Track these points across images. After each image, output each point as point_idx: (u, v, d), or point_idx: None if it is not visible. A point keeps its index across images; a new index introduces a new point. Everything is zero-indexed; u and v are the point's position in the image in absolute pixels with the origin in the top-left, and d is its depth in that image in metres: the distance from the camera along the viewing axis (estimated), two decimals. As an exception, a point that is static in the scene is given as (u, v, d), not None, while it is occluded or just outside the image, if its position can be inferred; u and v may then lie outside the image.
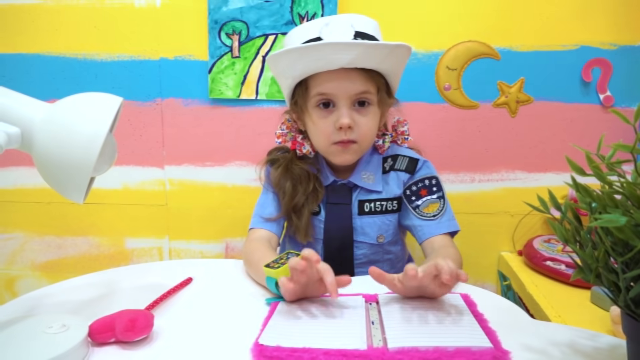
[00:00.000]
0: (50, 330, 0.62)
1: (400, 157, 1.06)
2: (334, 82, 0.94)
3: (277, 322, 0.70)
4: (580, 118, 1.35)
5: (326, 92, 0.95)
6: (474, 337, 0.64)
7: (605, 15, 1.31)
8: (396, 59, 0.95)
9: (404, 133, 1.08)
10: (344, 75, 0.93)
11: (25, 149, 0.62)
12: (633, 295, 0.49)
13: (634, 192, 0.49)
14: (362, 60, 0.91)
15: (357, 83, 0.94)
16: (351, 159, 1.00)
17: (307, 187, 1.03)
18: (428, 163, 1.07)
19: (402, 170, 1.05)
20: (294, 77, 0.97)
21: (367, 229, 1.04)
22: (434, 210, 1.01)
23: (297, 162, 1.05)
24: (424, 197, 1.02)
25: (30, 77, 1.44)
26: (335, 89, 0.94)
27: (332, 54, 0.89)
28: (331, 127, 0.96)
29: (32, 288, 0.91)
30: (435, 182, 1.04)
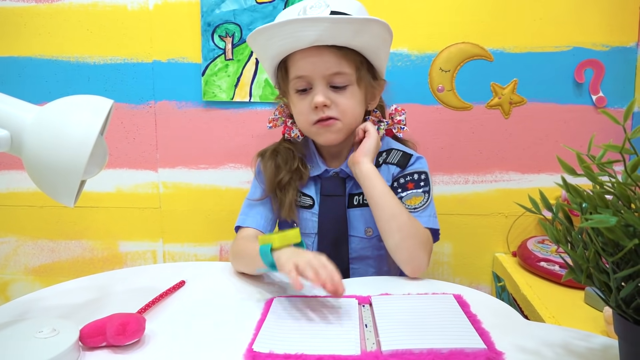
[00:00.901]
0: (41, 335, 0.61)
1: (394, 151, 1.05)
2: (308, 62, 0.94)
3: (271, 326, 0.70)
4: (573, 119, 1.36)
5: (301, 73, 0.95)
6: (468, 339, 0.64)
7: (598, 16, 1.31)
8: (370, 36, 0.93)
9: (401, 122, 1.07)
10: (317, 53, 0.93)
11: (14, 152, 0.62)
12: (624, 295, 0.49)
13: (625, 192, 0.49)
14: (331, 36, 0.90)
15: (331, 62, 0.93)
16: (335, 138, 1.00)
17: (292, 164, 1.03)
18: (422, 159, 1.05)
19: (394, 163, 1.03)
20: (271, 58, 0.98)
21: (354, 222, 1.03)
22: (416, 203, 0.99)
23: (284, 144, 1.07)
24: (409, 190, 1.00)
25: (23, 80, 1.43)
26: (309, 69, 0.94)
27: (299, 31, 0.89)
28: (308, 106, 0.96)
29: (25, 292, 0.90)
30: (424, 177, 1.02)
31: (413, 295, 0.81)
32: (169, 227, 1.49)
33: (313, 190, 1.06)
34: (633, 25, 1.31)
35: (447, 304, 0.76)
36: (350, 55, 0.95)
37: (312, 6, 0.91)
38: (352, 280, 0.91)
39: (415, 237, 0.92)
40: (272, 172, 1.04)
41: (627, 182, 0.49)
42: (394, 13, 1.34)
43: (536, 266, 1.20)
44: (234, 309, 0.79)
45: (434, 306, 0.75)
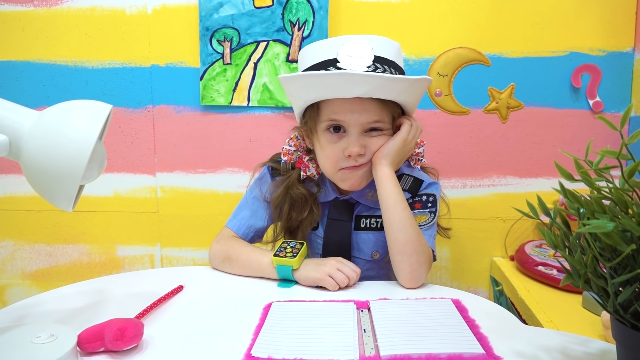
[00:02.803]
0: (38, 340, 0.61)
1: (405, 177, 1.02)
2: (347, 110, 0.90)
3: (269, 331, 0.70)
4: (571, 123, 1.36)
5: (338, 119, 0.91)
6: (466, 344, 0.64)
7: (594, 21, 1.32)
8: (415, 91, 0.91)
9: (419, 155, 1.04)
10: (359, 103, 0.89)
11: (13, 157, 0.62)
12: (622, 300, 0.49)
13: (622, 197, 0.49)
14: (379, 91, 0.87)
15: (371, 113, 0.90)
16: (360, 183, 0.96)
17: (303, 211, 1.01)
18: (435, 185, 1.02)
19: (405, 190, 0.99)
20: (306, 101, 0.94)
21: (361, 245, 1.02)
22: (421, 222, 0.97)
23: (298, 186, 1.01)
24: (415, 210, 0.99)
25: (21, 84, 1.43)
26: (347, 117, 0.90)
27: (347, 84, 0.85)
28: (340, 153, 0.92)
29: (22, 297, 0.90)
30: (432, 199, 1.00)
31: (411, 300, 0.81)
32: (166, 232, 1.49)
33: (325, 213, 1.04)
34: (629, 30, 1.32)
35: (446, 308, 0.76)
36: (390, 106, 0.92)
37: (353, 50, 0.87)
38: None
39: (421, 254, 0.91)
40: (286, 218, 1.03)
41: (625, 187, 0.49)
42: (391, 18, 1.34)
43: (534, 270, 1.20)
44: (232, 313, 0.79)
45: (433, 311, 0.75)
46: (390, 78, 0.84)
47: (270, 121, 1.41)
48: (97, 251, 1.51)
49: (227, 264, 0.98)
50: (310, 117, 0.96)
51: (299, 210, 1.02)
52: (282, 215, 1.03)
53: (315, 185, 1.03)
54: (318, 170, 1.01)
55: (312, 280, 0.88)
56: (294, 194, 1.01)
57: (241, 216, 1.05)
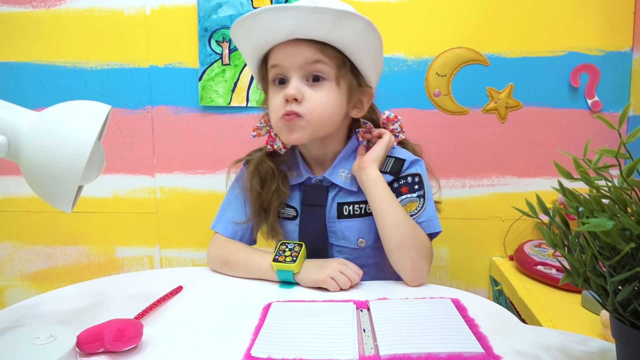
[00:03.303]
0: (38, 341, 0.61)
1: (388, 159, 1.00)
2: (285, 54, 0.90)
3: (269, 331, 0.70)
4: (569, 123, 1.36)
5: (277, 62, 0.91)
6: (466, 343, 0.64)
7: (592, 21, 1.32)
8: (349, 31, 0.87)
9: (394, 131, 1.02)
10: (295, 46, 0.89)
11: (12, 158, 0.62)
12: (621, 298, 0.49)
13: (621, 196, 0.49)
14: (307, 27, 0.86)
15: (308, 53, 0.89)
16: (298, 137, 0.92)
17: (271, 185, 1.00)
18: (418, 162, 1.00)
19: (386, 172, 0.98)
20: (249, 53, 0.95)
21: (346, 233, 0.99)
22: (412, 210, 0.95)
23: (267, 160, 1.02)
24: (404, 195, 0.96)
25: (20, 85, 1.43)
26: (285, 59, 0.90)
27: (275, 21, 0.86)
28: (281, 101, 0.91)
29: (21, 298, 0.90)
30: (418, 179, 0.98)
31: (411, 300, 0.81)
32: (165, 232, 1.48)
33: (297, 201, 1.03)
34: (627, 30, 1.32)
35: (445, 308, 0.76)
36: (330, 50, 0.90)
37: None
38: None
39: (419, 249, 0.91)
40: (257, 193, 1.02)
41: (623, 186, 0.49)
42: (390, 18, 1.35)
43: (533, 270, 1.20)
44: (232, 314, 0.79)
45: (432, 311, 0.75)
46: (311, 7, 0.84)
47: (269, 122, 1.41)
48: (96, 252, 1.51)
49: (226, 268, 0.98)
50: (262, 78, 0.98)
51: (268, 186, 1.01)
52: (252, 192, 1.02)
53: (287, 166, 1.03)
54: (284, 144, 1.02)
55: (314, 282, 0.88)
56: (262, 169, 1.01)
57: (226, 218, 1.05)
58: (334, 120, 0.96)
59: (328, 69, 0.91)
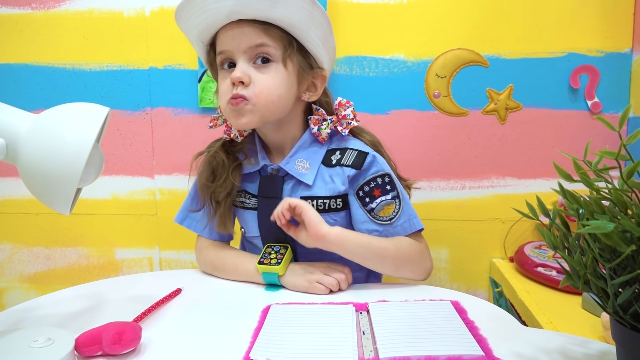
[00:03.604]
0: (36, 344, 0.61)
1: (349, 151, 0.96)
2: (228, 36, 0.89)
3: (268, 333, 0.70)
4: (569, 124, 1.36)
5: (222, 48, 0.91)
6: (466, 345, 0.64)
7: (592, 22, 1.32)
8: (290, 8, 0.86)
9: (346, 117, 0.97)
10: (238, 29, 0.88)
11: (10, 160, 0.62)
12: (621, 301, 0.49)
13: (621, 198, 0.49)
14: (246, 7, 0.85)
15: (252, 35, 0.88)
16: (247, 122, 0.90)
17: (220, 178, 0.99)
18: (378, 158, 0.96)
19: (349, 165, 0.94)
20: (195, 39, 0.94)
21: None
22: (390, 213, 0.94)
23: (220, 152, 1.00)
24: (377, 198, 0.94)
25: (19, 87, 1.43)
26: (229, 43, 0.89)
27: (212, 3, 0.85)
28: (229, 86, 0.90)
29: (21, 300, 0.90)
30: (389, 179, 0.95)
31: (410, 302, 0.80)
32: (165, 234, 1.48)
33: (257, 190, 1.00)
34: (627, 31, 1.32)
35: (445, 310, 0.76)
36: (274, 31, 0.89)
37: None
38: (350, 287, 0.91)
39: (411, 258, 0.92)
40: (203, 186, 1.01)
41: (624, 188, 0.49)
42: (390, 19, 1.34)
43: (533, 271, 1.20)
44: (231, 316, 0.78)
45: (432, 313, 0.75)
46: None
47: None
48: (96, 254, 1.51)
49: (216, 273, 0.99)
50: (212, 65, 0.97)
51: (218, 178, 0.99)
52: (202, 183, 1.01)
53: (244, 154, 1.01)
54: (241, 131, 1.00)
55: (300, 287, 0.88)
56: (215, 161, 1.00)
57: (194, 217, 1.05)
58: (283, 103, 0.92)
59: (273, 51, 0.89)
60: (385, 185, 0.95)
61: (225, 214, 1.00)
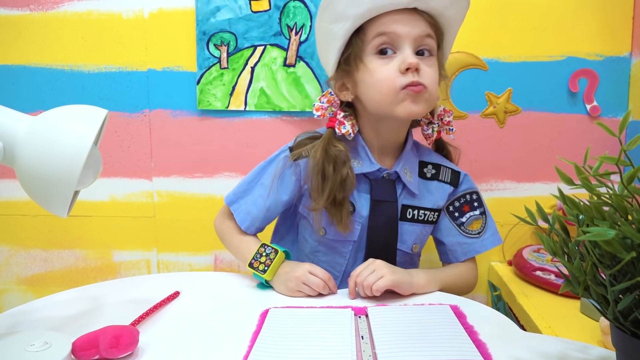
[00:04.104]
0: (32, 348, 0.60)
1: (444, 168, 1.01)
2: (397, 21, 0.86)
3: (266, 337, 0.69)
4: (568, 128, 1.36)
5: (388, 30, 0.86)
6: (465, 350, 0.64)
7: (591, 26, 1.32)
8: (459, 10, 0.91)
9: (450, 124, 1.01)
10: (407, 15, 0.86)
11: (7, 163, 0.61)
12: (622, 307, 0.49)
13: (621, 203, 0.49)
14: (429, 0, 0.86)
15: (421, 25, 0.87)
16: (422, 110, 0.88)
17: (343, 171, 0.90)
18: (468, 177, 1.03)
19: (447, 182, 1.00)
20: (355, 17, 0.86)
21: (405, 236, 0.97)
22: (478, 227, 1.00)
23: (336, 143, 0.92)
24: (467, 213, 0.99)
25: (17, 88, 1.42)
26: (399, 28, 0.86)
27: None
28: (395, 70, 0.85)
29: (18, 302, 0.89)
30: (477, 197, 1.01)
31: (409, 307, 0.80)
32: (163, 237, 1.48)
33: (355, 194, 0.94)
34: (626, 35, 1.32)
35: (444, 315, 0.76)
36: (437, 27, 0.91)
37: None
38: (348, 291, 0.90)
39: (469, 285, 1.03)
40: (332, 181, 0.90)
41: (624, 193, 0.49)
42: (389, 22, 1.34)
43: (532, 275, 1.20)
44: (229, 320, 0.78)
45: (431, 317, 0.75)
46: None
47: (268, 126, 1.40)
48: (93, 256, 1.50)
49: (223, 243, 1.06)
50: (355, 45, 0.89)
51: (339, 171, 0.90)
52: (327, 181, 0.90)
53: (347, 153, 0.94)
54: (354, 128, 0.94)
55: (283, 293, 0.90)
56: (332, 151, 0.91)
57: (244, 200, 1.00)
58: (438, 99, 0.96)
59: (433, 45, 0.90)
60: (474, 202, 1.01)
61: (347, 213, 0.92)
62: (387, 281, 0.82)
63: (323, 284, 0.87)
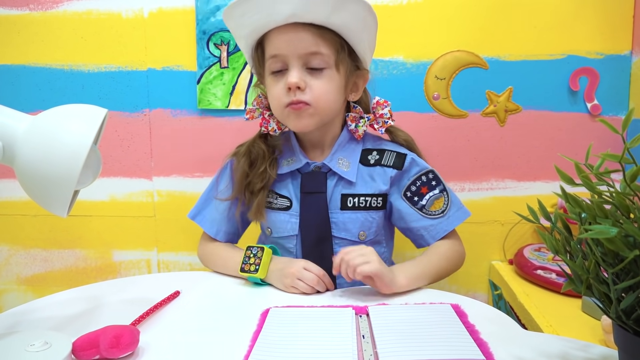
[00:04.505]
0: (32, 348, 0.60)
1: (388, 152, 1.01)
2: (283, 40, 0.89)
3: (267, 337, 0.69)
4: (569, 126, 1.36)
5: (276, 52, 0.91)
6: (466, 349, 0.64)
7: (592, 25, 1.32)
8: (349, 14, 0.88)
9: (384, 116, 1.01)
10: (293, 32, 0.88)
11: (7, 162, 0.61)
12: (624, 306, 0.48)
13: (623, 201, 0.48)
14: (307, 11, 0.86)
15: (308, 40, 0.89)
16: (306, 124, 0.93)
17: (260, 166, 1.00)
18: (416, 158, 1.01)
19: (390, 166, 0.99)
20: (245, 37, 0.93)
21: (349, 225, 0.98)
22: (441, 206, 0.98)
23: (259, 142, 1.02)
24: (426, 195, 0.98)
25: (17, 88, 1.42)
26: (284, 47, 0.89)
27: (273, 4, 0.85)
28: (283, 89, 0.91)
29: (18, 302, 0.89)
30: (433, 175, 1.00)
31: (410, 306, 0.80)
32: (163, 236, 1.48)
33: (291, 190, 1.00)
34: (627, 33, 1.32)
35: (445, 314, 0.75)
36: (328, 35, 0.90)
37: None
38: (349, 290, 0.90)
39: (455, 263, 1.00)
40: (242, 174, 1.01)
41: (626, 191, 0.48)
42: (389, 21, 1.34)
43: (533, 274, 1.20)
44: (230, 320, 0.78)
45: (432, 316, 0.75)
46: None
47: (268, 125, 1.40)
48: (93, 256, 1.50)
49: (210, 265, 1.05)
50: (258, 62, 0.97)
51: (257, 167, 1.00)
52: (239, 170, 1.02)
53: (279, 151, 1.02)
54: (279, 125, 1.01)
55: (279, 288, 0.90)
56: (254, 150, 1.01)
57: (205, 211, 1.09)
58: (337, 106, 0.97)
59: (327, 57, 0.91)
60: (431, 182, 0.99)
61: (261, 203, 1.00)
62: (373, 268, 0.83)
63: (317, 280, 0.88)
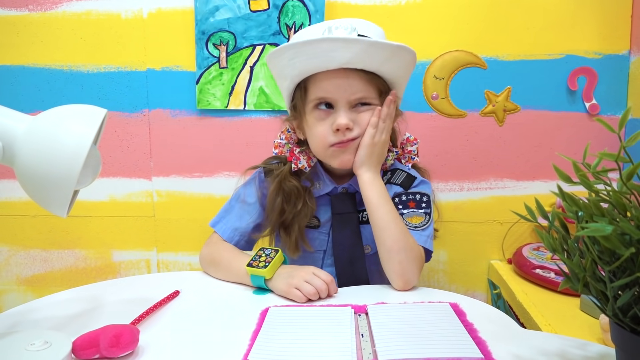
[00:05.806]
0: (32, 348, 0.60)
1: (399, 172, 1.02)
2: (333, 84, 0.90)
3: (266, 336, 0.69)
4: (567, 126, 1.36)
5: (325, 95, 0.92)
6: (465, 348, 0.64)
7: (590, 24, 1.33)
8: (399, 63, 0.91)
9: (411, 152, 1.05)
10: (343, 76, 0.90)
11: (7, 163, 0.61)
12: (621, 304, 0.49)
13: (620, 200, 0.49)
14: (362, 59, 0.88)
15: (357, 87, 0.91)
16: (349, 159, 0.95)
17: (297, 204, 1.00)
18: (427, 184, 1.03)
19: (397, 184, 1.01)
20: (292, 77, 0.94)
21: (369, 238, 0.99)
22: (417, 223, 0.97)
23: (290, 179, 1.01)
24: (411, 208, 0.98)
25: (16, 89, 1.42)
26: (333, 92, 0.91)
27: (330, 51, 0.86)
28: (328, 129, 0.92)
29: (18, 303, 0.89)
30: (426, 199, 1.00)
31: (409, 304, 0.80)
32: (163, 236, 1.48)
33: (321, 210, 1.03)
34: (625, 33, 1.32)
35: (444, 312, 0.76)
36: (375, 80, 0.93)
37: (338, 27, 0.88)
38: (348, 289, 0.90)
39: (408, 251, 0.90)
40: (279, 212, 1.01)
41: (623, 190, 0.49)
42: (388, 21, 1.34)
43: (532, 273, 1.20)
44: (229, 319, 0.78)
45: (431, 315, 0.75)
46: (372, 43, 0.85)
47: (267, 125, 1.40)
48: (93, 256, 1.50)
49: (213, 268, 0.99)
50: (298, 99, 0.97)
51: (292, 204, 1.01)
52: (275, 209, 1.01)
53: (309, 181, 1.02)
54: (309, 162, 1.02)
55: (280, 292, 0.87)
56: (286, 187, 1.01)
57: (227, 219, 1.05)
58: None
59: (373, 99, 0.94)
60: (422, 203, 0.99)
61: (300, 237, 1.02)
62: None
63: (325, 287, 0.85)
